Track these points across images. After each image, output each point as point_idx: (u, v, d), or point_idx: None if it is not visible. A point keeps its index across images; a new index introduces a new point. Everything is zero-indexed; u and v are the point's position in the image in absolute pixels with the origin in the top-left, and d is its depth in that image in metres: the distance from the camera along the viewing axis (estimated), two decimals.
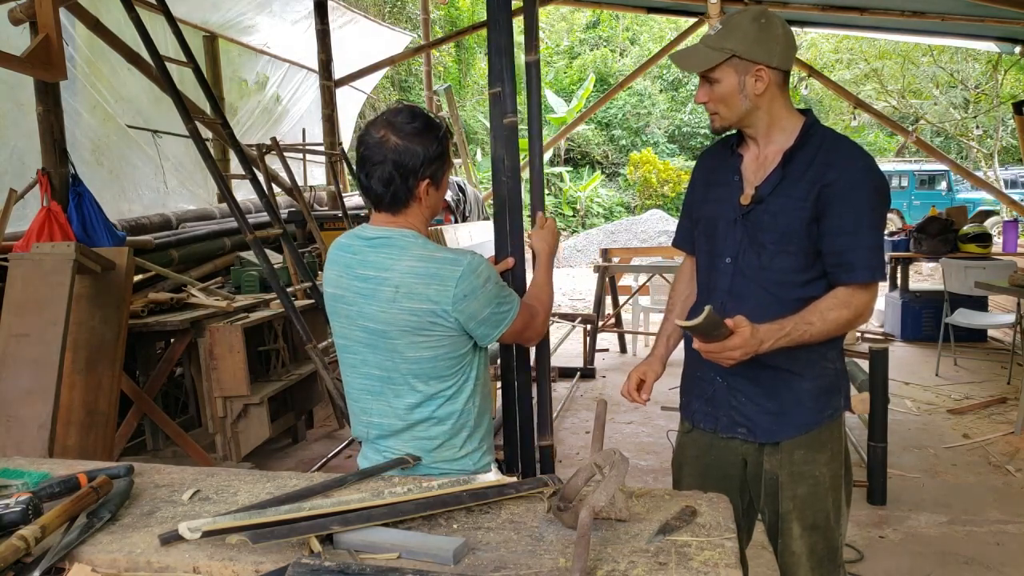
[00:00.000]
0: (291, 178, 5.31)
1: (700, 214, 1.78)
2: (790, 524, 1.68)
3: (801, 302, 1.58)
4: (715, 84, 1.59)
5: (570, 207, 18.61)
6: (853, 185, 1.54)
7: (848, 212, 1.54)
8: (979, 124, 18.85)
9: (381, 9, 16.88)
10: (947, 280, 5.61)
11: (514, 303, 1.58)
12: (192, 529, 1.16)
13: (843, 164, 1.56)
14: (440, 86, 10.73)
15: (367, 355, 1.58)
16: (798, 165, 1.59)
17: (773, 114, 1.61)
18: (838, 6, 6.65)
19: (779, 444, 1.67)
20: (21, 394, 2.80)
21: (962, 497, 3.50)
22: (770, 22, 1.56)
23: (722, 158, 1.75)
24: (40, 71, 3.40)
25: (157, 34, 3.88)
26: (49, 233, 3.55)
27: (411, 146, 1.49)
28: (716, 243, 1.70)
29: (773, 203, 1.59)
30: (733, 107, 1.60)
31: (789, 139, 1.61)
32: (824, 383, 1.66)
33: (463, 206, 7.39)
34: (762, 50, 1.54)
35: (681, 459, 1.86)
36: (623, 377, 1.85)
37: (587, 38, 22.24)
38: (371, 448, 1.65)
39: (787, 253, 1.59)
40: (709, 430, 1.75)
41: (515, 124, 1.88)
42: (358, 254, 1.56)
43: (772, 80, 1.57)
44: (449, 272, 1.48)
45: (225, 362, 3.69)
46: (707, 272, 1.74)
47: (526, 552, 1.13)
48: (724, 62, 1.55)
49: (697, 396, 1.78)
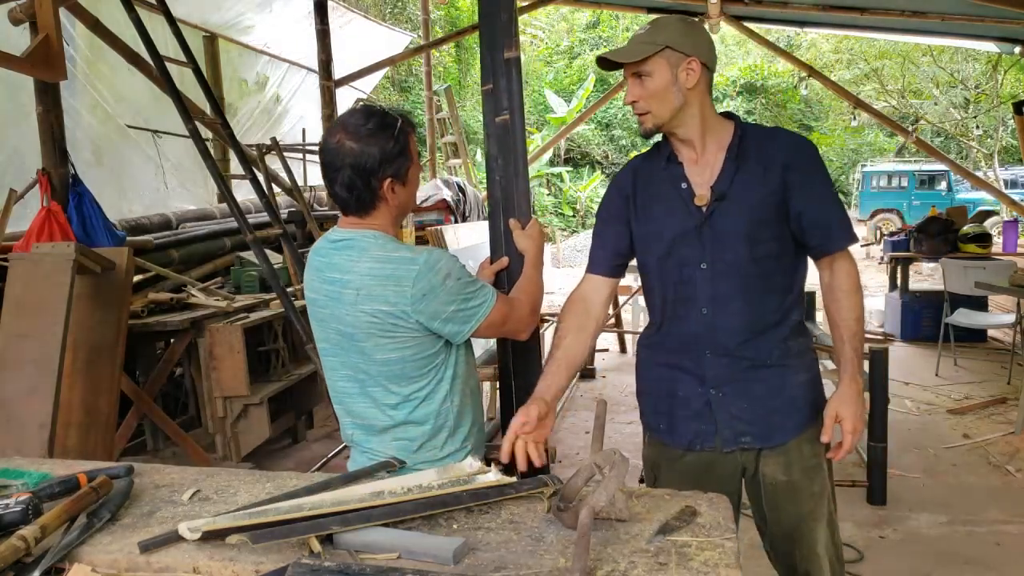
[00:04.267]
0: (291, 178, 5.32)
1: (643, 231, 1.69)
2: (813, 525, 1.67)
3: (780, 294, 1.64)
4: (647, 79, 1.59)
5: (570, 207, 18.60)
6: (808, 160, 1.62)
7: (816, 185, 1.61)
8: (979, 124, 18.86)
9: (381, 9, 16.89)
10: (947, 280, 5.61)
11: (487, 297, 1.54)
12: (192, 529, 1.16)
13: (789, 145, 1.62)
14: (440, 86, 10.73)
15: (343, 358, 1.58)
16: (747, 154, 1.61)
17: (704, 113, 1.62)
18: (838, 6, 6.65)
19: (783, 445, 1.65)
20: (21, 394, 2.80)
21: (962, 497, 3.50)
22: (696, 24, 1.65)
23: (655, 170, 1.70)
24: (40, 71, 3.40)
25: (157, 34, 3.88)
26: (49, 233, 3.55)
27: (366, 148, 1.48)
28: (678, 255, 1.64)
29: (736, 195, 1.60)
30: (666, 102, 1.58)
31: (726, 136, 1.64)
32: (813, 374, 1.71)
33: (463, 206, 7.38)
34: (692, 44, 1.58)
35: (656, 478, 1.76)
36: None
37: (587, 38, 22.24)
38: (357, 451, 1.65)
39: (764, 240, 1.60)
40: (709, 449, 1.67)
41: (508, 122, 1.85)
42: (325, 257, 1.57)
43: (701, 76, 1.59)
44: (405, 272, 1.46)
45: (225, 362, 3.69)
46: (675, 286, 1.66)
47: (526, 552, 1.13)
48: (657, 53, 1.57)
49: (683, 418, 1.68)
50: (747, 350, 1.62)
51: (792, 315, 1.67)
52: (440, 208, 7.01)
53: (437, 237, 5.68)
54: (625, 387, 5.55)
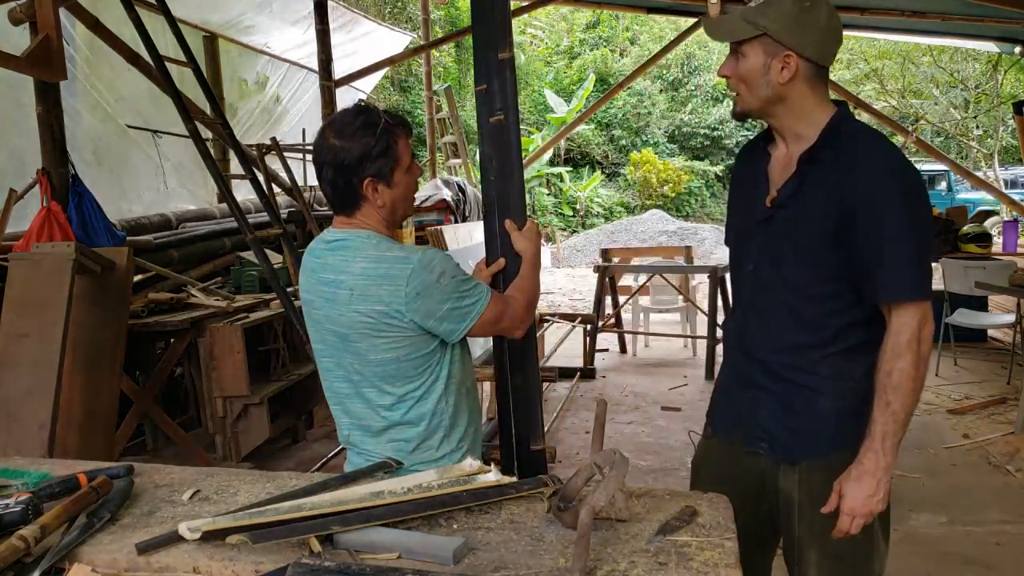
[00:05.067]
0: (291, 178, 5.32)
1: (731, 216, 1.70)
2: (807, 550, 1.57)
3: (822, 320, 1.48)
4: (741, 60, 1.47)
5: (570, 207, 18.60)
6: (883, 193, 1.39)
7: (879, 226, 1.38)
8: (979, 124, 18.85)
9: (381, 9, 16.89)
10: (947, 280, 5.61)
11: (481, 295, 1.54)
12: (192, 529, 1.16)
13: (864, 170, 1.41)
14: (440, 86, 10.73)
15: (338, 359, 1.58)
16: (818, 169, 1.46)
17: (801, 110, 1.48)
18: (838, 6, 6.63)
19: (795, 464, 1.55)
20: (21, 394, 2.80)
21: (962, 497, 3.49)
22: (815, 6, 1.42)
23: (753, 156, 1.64)
24: (40, 71, 3.40)
25: (157, 34, 3.88)
26: (49, 233, 3.55)
27: (347, 145, 1.48)
28: (740, 249, 1.63)
29: (792, 209, 1.49)
30: (753, 90, 1.47)
31: (814, 138, 1.48)
32: (847, 404, 1.50)
33: (463, 206, 7.38)
34: (796, 36, 1.42)
35: (699, 462, 1.78)
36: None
37: (587, 38, 22.22)
38: (353, 452, 1.65)
39: (804, 264, 1.48)
40: (729, 440, 1.67)
41: (501, 123, 1.84)
42: (320, 258, 1.57)
43: (801, 71, 1.44)
44: (399, 271, 1.46)
45: (225, 362, 3.69)
46: (734, 279, 1.68)
47: (526, 552, 1.13)
48: (754, 38, 1.44)
49: (724, 405, 1.71)
50: (775, 363, 1.55)
51: (839, 342, 1.49)
52: (440, 208, 7.01)
53: (437, 237, 5.68)
54: (625, 387, 5.53)
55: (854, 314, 1.48)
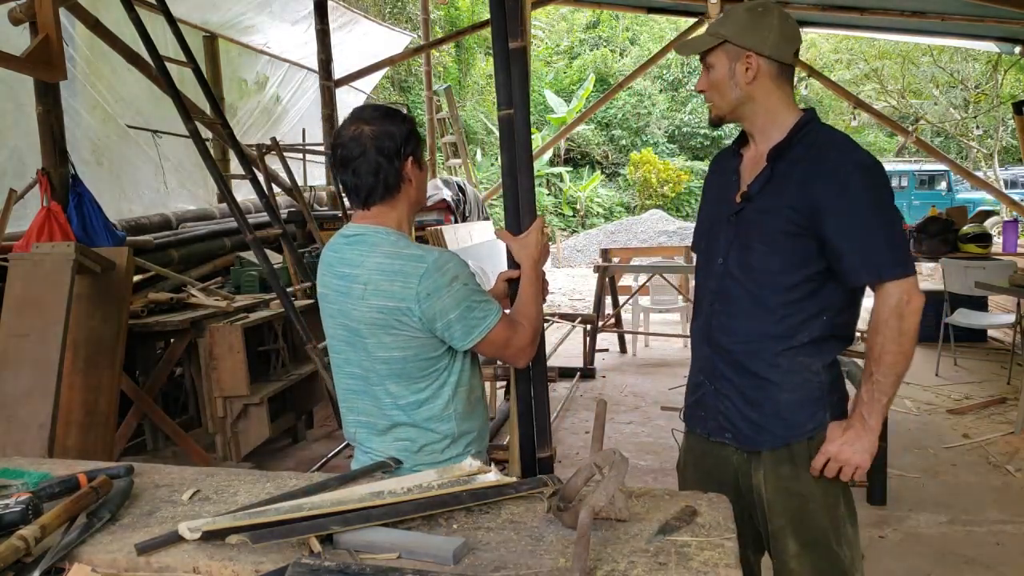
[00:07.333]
0: (291, 178, 5.31)
1: (703, 215, 1.79)
2: (784, 541, 1.62)
3: (786, 309, 1.56)
4: (711, 71, 1.61)
5: (570, 207, 18.61)
6: (844, 185, 1.49)
7: (842, 214, 1.49)
8: (979, 124, 18.85)
9: (381, 9, 16.88)
10: (947, 280, 5.61)
11: (491, 311, 1.52)
12: (192, 529, 1.16)
13: (831, 165, 1.51)
14: (440, 86, 10.73)
15: (349, 354, 1.58)
16: (786, 164, 1.56)
17: (768, 108, 1.60)
18: (838, 6, 6.65)
19: (761, 455, 1.62)
20: (21, 394, 2.80)
21: (962, 497, 3.50)
22: (767, 12, 1.57)
23: (727, 158, 1.75)
24: (40, 71, 3.40)
25: (157, 34, 3.88)
26: (49, 233, 3.55)
27: (385, 128, 1.52)
28: (711, 243, 1.70)
29: (761, 203, 1.58)
30: (724, 94, 1.61)
31: (783, 136, 1.59)
32: (806, 395, 1.59)
33: (463, 206, 7.38)
34: (752, 37, 1.55)
35: (684, 461, 1.84)
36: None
37: (587, 38, 22.23)
38: (359, 450, 1.65)
39: (772, 254, 1.56)
40: (702, 435, 1.74)
41: (511, 117, 1.76)
42: (338, 252, 1.58)
43: (764, 70, 1.56)
44: (413, 268, 1.46)
45: (225, 362, 3.69)
46: (702, 273, 1.75)
47: (526, 552, 1.13)
48: (717, 47, 1.58)
49: (692, 399, 1.77)
50: (739, 354, 1.62)
51: (802, 334, 1.57)
52: (440, 208, 7.01)
53: (437, 237, 5.68)
54: (625, 387, 5.54)
55: (818, 305, 1.57)
